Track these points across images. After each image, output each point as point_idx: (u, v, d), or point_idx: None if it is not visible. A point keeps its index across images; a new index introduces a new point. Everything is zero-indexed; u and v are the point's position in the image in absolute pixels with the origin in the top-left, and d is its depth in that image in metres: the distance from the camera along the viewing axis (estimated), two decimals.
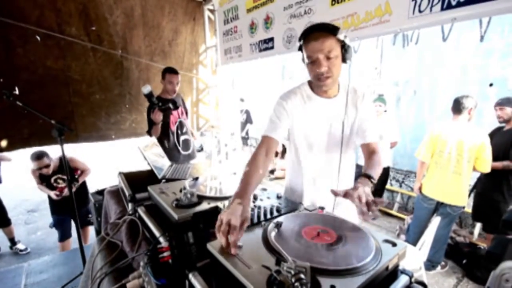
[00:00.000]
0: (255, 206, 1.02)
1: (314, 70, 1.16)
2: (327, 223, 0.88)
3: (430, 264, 2.79)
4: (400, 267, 0.78)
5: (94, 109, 2.87)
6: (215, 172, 1.51)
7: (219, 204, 1.03)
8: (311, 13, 2.22)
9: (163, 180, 1.54)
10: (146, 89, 2.15)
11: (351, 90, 1.27)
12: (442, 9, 1.45)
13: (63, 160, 1.92)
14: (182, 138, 2.65)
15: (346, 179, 1.38)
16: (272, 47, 2.71)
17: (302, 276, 0.56)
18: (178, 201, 1.03)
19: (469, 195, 2.89)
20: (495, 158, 2.57)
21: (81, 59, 2.68)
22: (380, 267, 0.67)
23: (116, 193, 1.64)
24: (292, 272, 0.58)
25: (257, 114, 7.18)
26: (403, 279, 0.75)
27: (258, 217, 0.93)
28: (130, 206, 1.31)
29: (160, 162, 1.90)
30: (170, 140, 2.57)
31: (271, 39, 2.69)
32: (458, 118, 2.55)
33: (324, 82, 1.18)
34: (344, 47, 1.15)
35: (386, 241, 0.79)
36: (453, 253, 3.05)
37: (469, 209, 3.23)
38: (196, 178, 1.34)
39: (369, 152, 1.28)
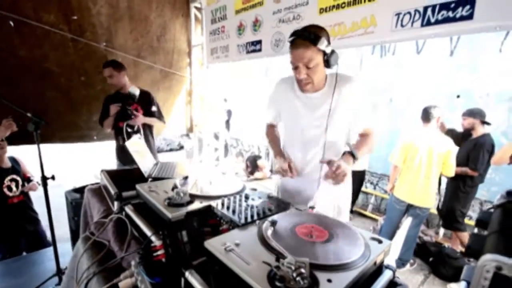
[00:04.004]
0: (248, 205, 1.04)
1: (295, 75, 1.26)
2: (318, 221, 0.92)
3: (400, 262, 2.98)
4: (385, 263, 0.85)
5: (73, 106, 2.69)
6: (205, 172, 1.51)
7: (212, 203, 1.04)
8: (299, 19, 2.29)
9: (150, 179, 1.52)
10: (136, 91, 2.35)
11: (343, 78, 1.31)
12: (422, 25, 1.57)
13: (39, 160, 1.79)
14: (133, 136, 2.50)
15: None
16: (260, 50, 2.74)
17: (303, 270, 0.60)
18: (170, 200, 1.03)
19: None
20: (459, 163, 2.82)
21: (60, 49, 2.52)
22: (369, 262, 0.72)
23: (98, 191, 1.58)
24: (293, 267, 0.61)
25: (239, 114, 7.19)
26: (387, 274, 0.81)
27: (252, 216, 0.95)
28: (116, 204, 1.28)
29: (142, 161, 1.85)
30: (119, 136, 2.50)
31: (259, 42, 2.73)
32: (427, 126, 2.76)
33: (304, 88, 1.29)
34: (326, 54, 1.20)
35: (373, 238, 0.85)
36: (420, 251, 3.27)
37: (434, 210, 3.48)
38: (186, 177, 1.33)
39: (360, 134, 1.42)
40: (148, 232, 0.97)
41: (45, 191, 1.86)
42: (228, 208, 1.00)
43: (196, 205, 1.03)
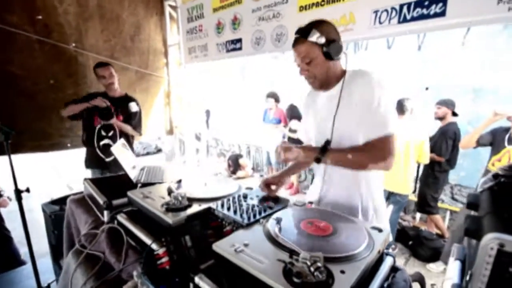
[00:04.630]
0: (248, 204, 1.04)
1: (299, 73, 1.21)
2: (320, 215, 0.95)
3: None
4: (385, 250, 0.89)
5: (43, 112, 2.48)
6: (198, 174, 1.48)
7: (211, 205, 1.03)
8: (279, 17, 2.30)
9: (139, 185, 1.46)
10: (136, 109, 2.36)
11: (353, 74, 1.18)
12: (399, 22, 1.65)
13: (12, 173, 1.65)
14: (104, 141, 2.36)
15: (358, 181, 1.21)
16: (240, 48, 2.72)
17: (319, 264, 0.61)
18: (168, 205, 1.00)
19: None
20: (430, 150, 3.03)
21: (24, 52, 2.32)
22: (375, 251, 0.76)
23: (82, 201, 1.49)
24: (308, 262, 0.62)
25: (218, 114, 7.12)
26: (389, 260, 0.85)
27: (254, 215, 0.95)
28: (106, 214, 1.22)
29: (126, 167, 1.78)
30: (91, 137, 2.35)
31: (239, 40, 2.71)
32: (402, 118, 2.92)
33: (312, 85, 1.22)
34: (323, 46, 1.11)
35: (373, 228, 0.89)
36: (400, 236, 3.45)
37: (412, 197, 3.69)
38: (180, 181, 1.30)
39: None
40: (147, 240, 0.94)
41: (19, 205, 1.72)
42: (228, 209, 0.99)
43: (195, 208, 1.01)
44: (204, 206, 1.03)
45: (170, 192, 1.09)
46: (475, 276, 0.53)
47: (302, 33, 1.12)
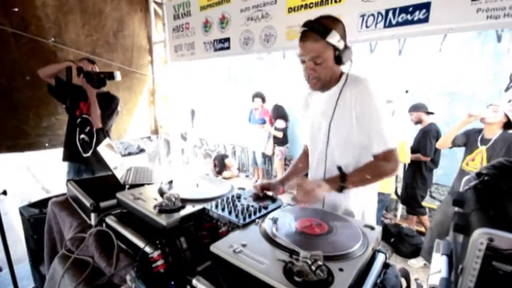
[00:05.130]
0: (242, 205, 1.03)
1: (303, 70, 1.15)
2: (315, 215, 0.96)
3: None
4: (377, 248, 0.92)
5: (18, 110, 2.35)
6: (189, 175, 1.46)
7: (205, 206, 1.02)
8: (268, 18, 2.31)
9: (127, 186, 1.42)
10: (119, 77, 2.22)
11: (353, 79, 1.15)
12: (385, 26, 1.71)
13: None
14: (81, 136, 2.27)
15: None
16: (228, 47, 2.71)
17: (320, 263, 0.62)
18: (161, 206, 0.98)
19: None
20: (412, 151, 3.15)
21: None
22: (369, 248, 0.78)
23: (66, 204, 1.43)
24: (309, 261, 0.63)
25: (203, 114, 7.04)
26: (381, 257, 0.88)
27: (250, 215, 0.95)
28: (93, 216, 1.17)
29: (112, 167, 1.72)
30: (72, 130, 2.27)
31: (227, 39, 2.69)
32: None
33: (312, 85, 1.17)
34: (337, 49, 1.08)
35: (366, 226, 0.92)
36: (383, 234, 3.54)
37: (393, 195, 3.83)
38: (171, 181, 1.28)
39: (374, 156, 1.14)
40: (140, 243, 0.91)
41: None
42: (223, 209, 0.98)
43: (189, 209, 1.00)
44: (198, 207, 1.02)
45: (162, 193, 1.07)
46: (465, 270, 0.56)
47: (319, 31, 1.04)
